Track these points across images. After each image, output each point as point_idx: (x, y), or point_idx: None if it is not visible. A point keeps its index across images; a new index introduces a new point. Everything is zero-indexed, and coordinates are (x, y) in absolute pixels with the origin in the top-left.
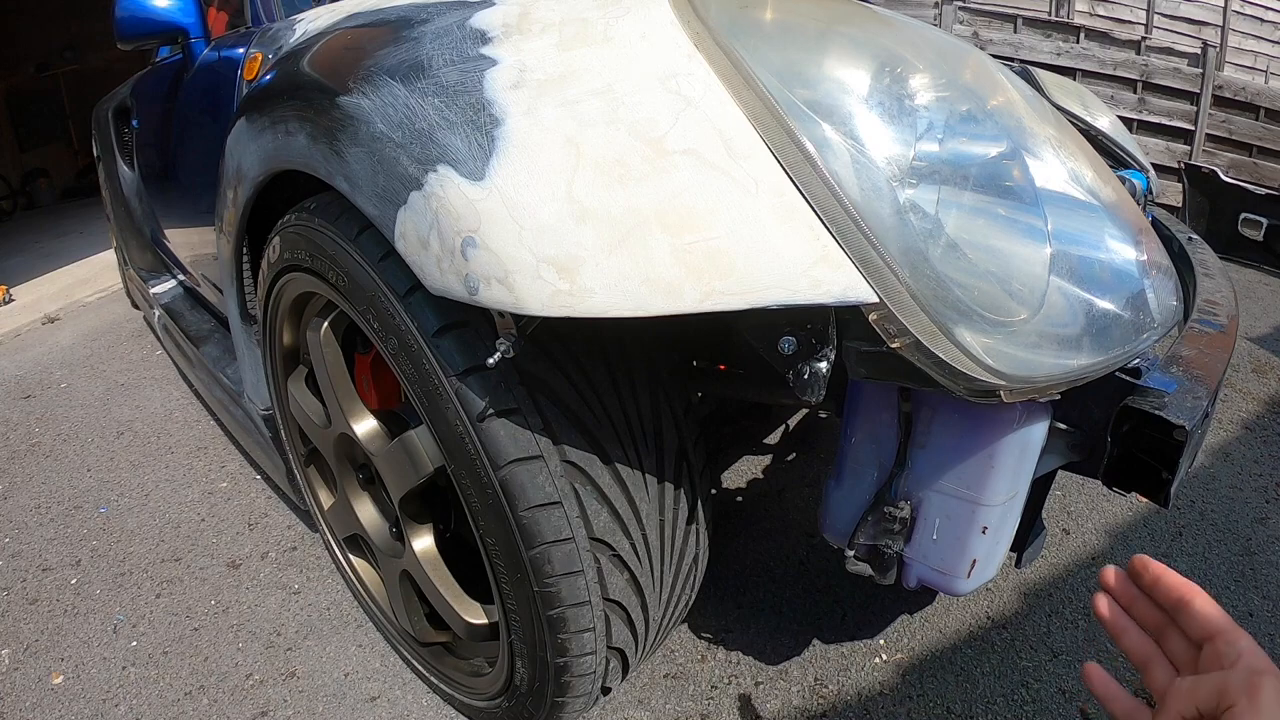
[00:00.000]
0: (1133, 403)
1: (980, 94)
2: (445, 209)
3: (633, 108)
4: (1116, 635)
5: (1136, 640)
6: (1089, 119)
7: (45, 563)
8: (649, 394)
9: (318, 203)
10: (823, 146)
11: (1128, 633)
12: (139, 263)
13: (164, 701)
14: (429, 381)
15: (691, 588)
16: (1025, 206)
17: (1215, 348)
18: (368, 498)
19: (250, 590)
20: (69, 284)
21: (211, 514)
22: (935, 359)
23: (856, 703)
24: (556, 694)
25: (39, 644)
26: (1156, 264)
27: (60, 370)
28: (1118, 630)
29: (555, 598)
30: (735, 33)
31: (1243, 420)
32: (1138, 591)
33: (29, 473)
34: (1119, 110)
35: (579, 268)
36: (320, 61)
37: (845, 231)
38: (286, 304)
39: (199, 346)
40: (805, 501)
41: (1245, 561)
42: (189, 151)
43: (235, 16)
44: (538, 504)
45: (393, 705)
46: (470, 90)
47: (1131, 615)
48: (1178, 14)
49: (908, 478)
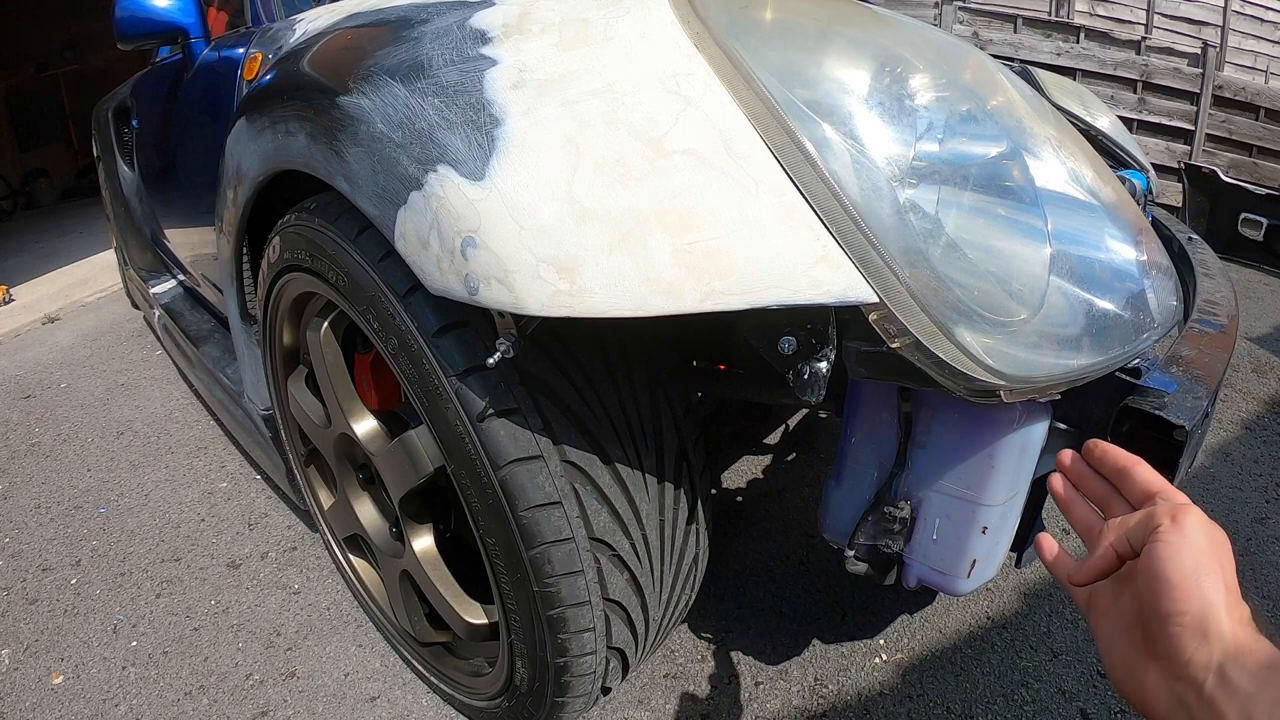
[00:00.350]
0: (1133, 403)
1: (980, 94)
2: (445, 209)
3: (633, 108)
4: (1066, 509)
5: (1083, 512)
6: (1089, 119)
7: (45, 563)
8: (649, 394)
9: (318, 203)
10: (823, 146)
11: (1076, 504)
12: (139, 263)
13: (164, 701)
14: (429, 381)
15: (691, 588)
16: (1025, 206)
17: (1215, 348)
18: (368, 498)
19: (250, 590)
20: (69, 284)
21: (211, 514)
22: (935, 359)
23: (856, 703)
24: (556, 694)
25: (39, 644)
26: (1156, 264)
27: (60, 370)
28: (1068, 505)
29: (555, 598)
30: (735, 33)
31: (1243, 420)
32: (1087, 469)
33: (29, 473)
34: (1119, 110)
35: (579, 268)
36: (320, 61)
37: (845, 231)
38: (286, 304)
39: (199, 346)
40: (805, 501)
41: (1245, 561)
42: (189, 151)
43: (235, 16)
44: (538, 504)
45: (393, 705)
46: (470, 90)
47: (1081, 491)
48: (1178, 14)
49: (908, 478)
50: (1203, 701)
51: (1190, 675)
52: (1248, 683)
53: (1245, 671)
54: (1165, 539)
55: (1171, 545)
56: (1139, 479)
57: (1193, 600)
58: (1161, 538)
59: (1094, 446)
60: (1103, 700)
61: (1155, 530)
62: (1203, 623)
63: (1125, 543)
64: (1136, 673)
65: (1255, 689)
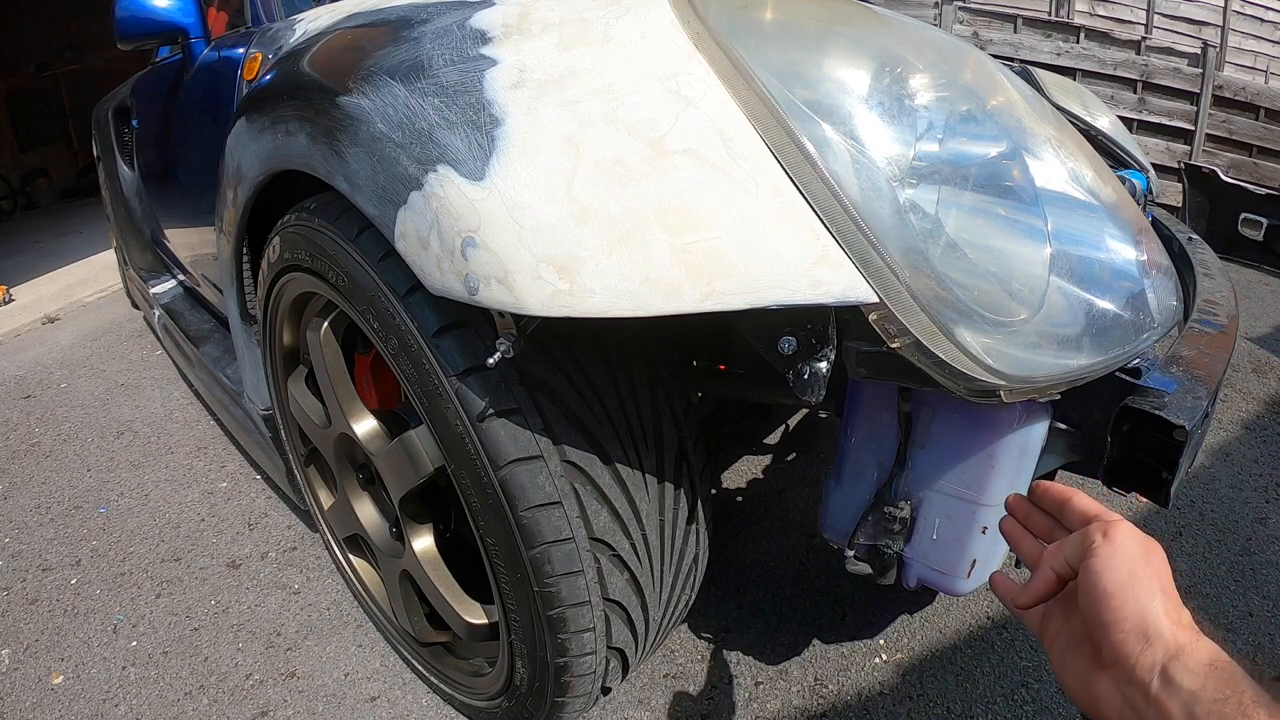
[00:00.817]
0: (1133, 403)
1: (980, 94)
2: (445, 209)
3: (633, 107)
4: (1014, 544)
5: (1030, 545)
6: (1089, 119)
7: (45, 563)
8: (649, 394)
9: (318, 203)
10: (823, 146)
11: (1024, 539)
12: (139, 263)
13: (164, 701)
14: (429, 381)
15: (691, 588)
16: (1025, 206)
17: (1215, 348)
18: (368, 498)
19: (250, 590)
20: (69, 284)
21: (211, 514)
22: (935, 359)
23: (856, 703)
24: (556, 694)
25: (39, 644)
26: (1156, 264)
27: (60, 370)
28: (1015, 540)
29: (555, 598)
30: (735, 33)
31: (1243, 420)
32: (1033, 508)
33: (29, 473)
34: (1119, 110)
35: (579, 268)
36: (320, 61)
37: (845, 231)
38: (286, 304)
39: (199, 346)
40: (805, 501)
41: (1245, 561)
42: (189, 151)
43: (235, 16)
44: (538, 504)
45: (393, 705)
46: (470, 90)
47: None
48: (1178, 14)
49: (908, 478)
50: (1149, 702)
51: (1137, 678)
52: (1189, 680)
53: (1187, 670)
54: (1098, 553)
55: (1104, 558)
56: (1077, 507)
57: (1130, 606)
58: (1095, 553)
59: (1036, 486)
60: None
61: (1090, 547)
62: (1142, 627)
63: (1063, 563)
64: (1089, 683)
65: (1196, 686)
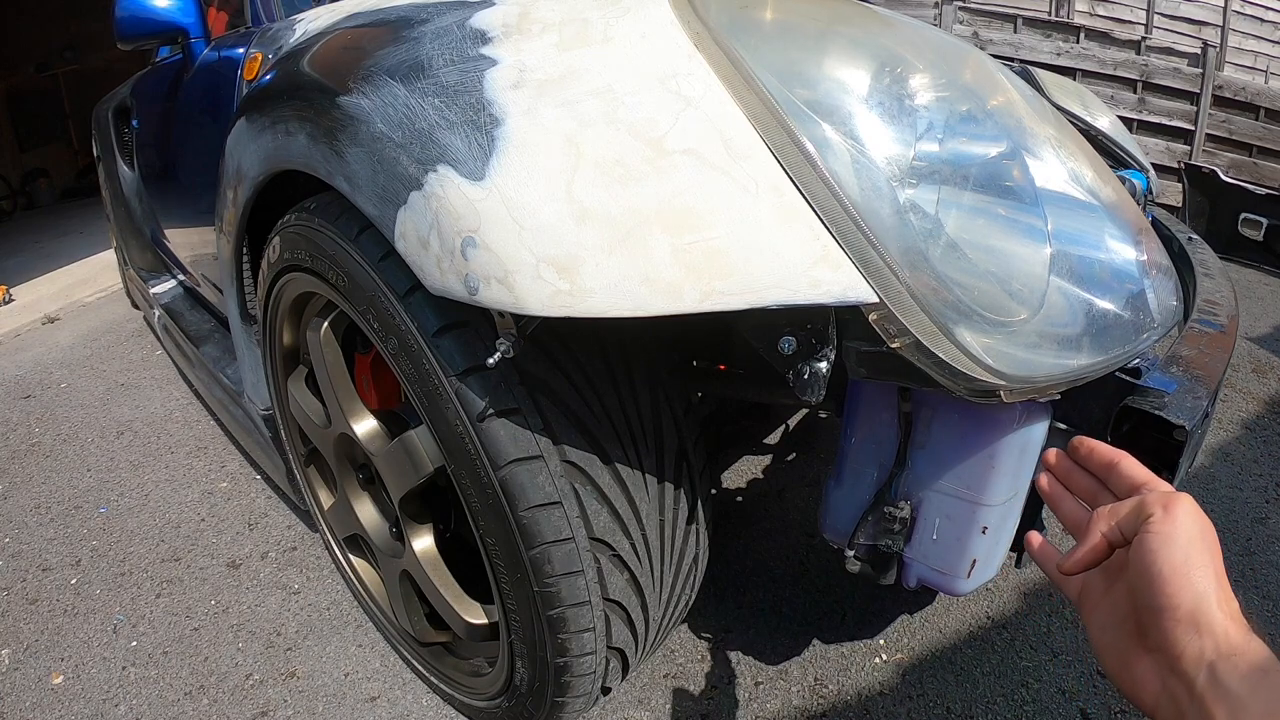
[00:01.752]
0: (1133, 403)
1: (980, 94)
2: (445, 209)
3: (633, 108)
4: (1054, 505)
5: (1071, 507)
6: (1089, 119)
7: (45, 563)
8: (649, 394)
9: (318, 203)
10: (823, 146)
11: (1065, 500)
12: (139, 263)
13: (164, 701)
14: (429, 381)
15: (691, 588)
16: (1025, 206)
17: (1215, 348)
18: (368, 498)
19: (250, 590)
20: (69, 284)
21: (211, 514)
22: (935, 359)
23: (856, 703)
24: (556, 694)
25: (39, 644)
26: (1156, 264)
27: (60, 370)
28: (1055, 500)
29: (555, 598)
30: (735, 33)
31: (1243, 420)
32: (1074, 466)
33: (29, 473)
34: (1119, 110)
35: (579, 268)
36: (320, 61)
37: (845, 232)
38: (286, 304)
39: (199, 346)
40: (805, 501)
41: (1245, 561)
42: (189, 151)
43: (235, 16)
44: (538, 504)
45: (393, 705)
46: (470, 90)
47: (1069, 487)
48: (1178, 14)
49: (908, 478)
50: (1193, 698)
51: (1182, 669)
52: (1238, 685)
53: (1237, 673)
54: (1156, 529)
55: (1162, 536)
56: (1126, 472)
57: (1185, 594)
58: (1153, 528)
59: (1081, 443)
60: (1103, 700)
61: (1147, 520)
62: (1194, 616)
63: (1117, 530)
64: (1129, 663)
65: (1246, 693)
